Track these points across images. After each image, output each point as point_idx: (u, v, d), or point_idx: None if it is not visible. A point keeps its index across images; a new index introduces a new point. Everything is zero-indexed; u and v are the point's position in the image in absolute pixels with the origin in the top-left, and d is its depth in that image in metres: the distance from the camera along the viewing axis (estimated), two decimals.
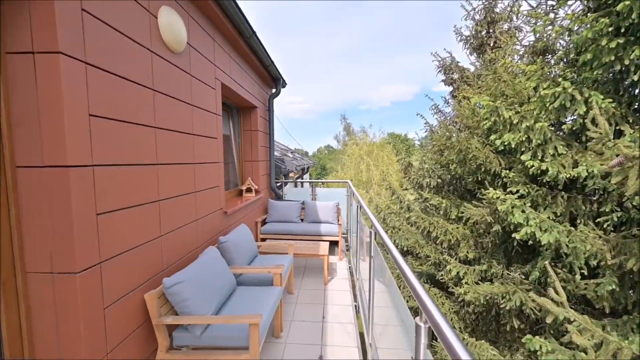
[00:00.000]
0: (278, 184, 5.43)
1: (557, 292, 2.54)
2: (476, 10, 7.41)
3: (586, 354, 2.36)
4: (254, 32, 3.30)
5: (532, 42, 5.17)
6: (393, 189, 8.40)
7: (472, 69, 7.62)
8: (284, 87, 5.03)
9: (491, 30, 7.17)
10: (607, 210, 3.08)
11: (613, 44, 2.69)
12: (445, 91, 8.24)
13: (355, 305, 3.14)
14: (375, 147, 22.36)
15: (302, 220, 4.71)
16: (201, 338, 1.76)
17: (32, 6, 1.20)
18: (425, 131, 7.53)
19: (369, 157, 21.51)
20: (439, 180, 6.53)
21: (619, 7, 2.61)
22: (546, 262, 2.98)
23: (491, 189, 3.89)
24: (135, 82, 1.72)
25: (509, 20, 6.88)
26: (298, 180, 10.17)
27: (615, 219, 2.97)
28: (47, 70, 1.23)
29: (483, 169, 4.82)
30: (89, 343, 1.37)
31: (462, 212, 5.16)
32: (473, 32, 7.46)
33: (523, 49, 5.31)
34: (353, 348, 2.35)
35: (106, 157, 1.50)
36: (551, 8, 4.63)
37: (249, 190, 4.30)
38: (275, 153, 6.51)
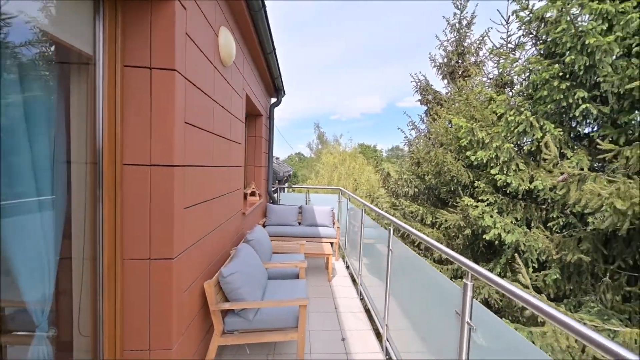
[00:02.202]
0: (273, 189, 5.64)
1: (524, 277, 3.17)
2: (449, 41, 8.47)
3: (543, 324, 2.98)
4: (274, 49, 3.60)
5: (496, 75, 6.15)
6: (373, 197, 9.01)
7: (443, 92, 8.63)
8: (283, 96, 5.33)
9: (460, 61, 8.24)
10: (554, 216, 3.86)
11: (563, 86, 3.49)
12: (412, 107, 9.26)
13: (360, 298, 3.50)
14: (348, 157, 23.26)
15: (299, 223, 4.97)
16: (253, 321, 1.97)
17: (154, 29, 1.42)
18: (404, 144, 8.28)
19: (342, 166, 22.29)
20: (416, 190, 7.24)
21: (567, 60, 3.42)
22: (516, 254, 3.64)
23: (465, 197, 4.56)
24: (206, 93, 1.94)
25: (475, 54, 7.99)
26: (296, 186, 10.37)
27: (561, 223, 3.75)
28: (164, 84, 1.44)
29: (455, 181, 5.56)
30: (177, 324, 1.54)
31: (437, 218, 5.84)
32: (445, 61, 8.49)
33: (488, 80, 6.28)
34: (368, 331, 2.70)
35: (190, 159, 1.70)
36: (511, 49, 5.61)
37: (253, 194, 4.47)
38: None
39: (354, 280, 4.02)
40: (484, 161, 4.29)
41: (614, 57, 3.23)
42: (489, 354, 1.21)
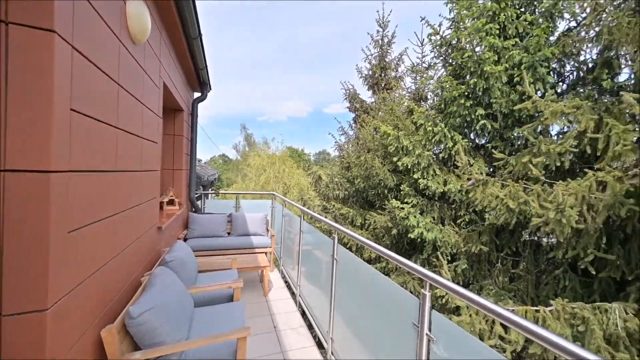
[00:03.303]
0: (197, 195, 4.93)
1: (445, 272, 3.54)
2: (373, 56, 9.20)
3: (460, 314, 3.38)
4: (200, 34, 3.11)
5: (413, 90, 6.94)
6: (304, 199, 8.97)
7: (369, 101, 9.30)
8: (209, 91, 4.74)
9: (383, 74, 9.05)
10: (461, 214, 4.50)
11: (467, 103, 4.10)
12: (338, 113, 9.72)
13: (300, 310, 3.29)
14: (278, 160, 22.91)
15: (228, 233, 4.45)
16: None
17: None
18: (335, 149, 8.53)
19: (271, 169, 21.78)
20: (346, 193, 7.53)
21: (470, 82, 4.04)
22: (439, 252, 4.06)
23: (393, 200, 4.92)
24: (107, 73, 1.43)
25: (395, 70, 8.89)
26: (225, 192, 9.30)
27: (466, 220, 4.39)
28: (34, 49, 0.95)
29: (382, 184, 5.98)
30: None
31: (367, 220, 6.17)
32: (370, 73, 9.18)
33: (408, 94, 7.04)
34: (311, 347, 2.51)
35: (81, 161, 1.20)
36: (425, 68, 6.40)
37: (171, 202, 3.75)
38: None
39: (292, 292, 3.81)
40: (408, 166, 4.71)
41: (502, 83, 3.97)
42: None
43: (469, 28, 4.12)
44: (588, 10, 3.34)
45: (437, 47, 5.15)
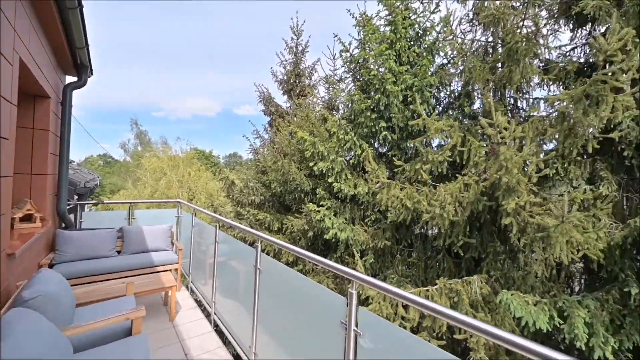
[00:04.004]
0: (69, 206, 3.80)
1: (360, 268, 3.85)
2: (287, 61, 9.35)
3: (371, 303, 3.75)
4: (80, 4, 2.43)
5: (326, 99, 7.40)
6: (215, 206, 8.23)
7: (285, 106, 9.38)
8: (89, 77, 3.77)
9: (297, 81, 9.31)
10: (368, 213, 5.04)
11: (373, 116, 4.65)
12: (251, 115, 9.51)
13: (216, 328, 2.93)
14: (181, 162, 20.36)
15: (119, 252, 3.59)
16: None
17: None
18: (250, 152, 8.19)
19: (173, 172, 19.14)
20: (262, 198, 7.32)
21: (375, 97, 4.60)
22: (353, 249, 4.37)
23: (310, 203, 5.07)
24: None
25: (309, 78, 9.29)
26: (111, 202, 7.29)
27: (372, 219, 4.94)
28: None
29: (299, 189, 6.10)
30: None
31: (284, 224, 6.16)
32: (285, 78, 9.30)
33: (321, 102, 7.45)
34: None
35: None
36: (337, 80, 6.93)
37: (27, 218, 2.73)
38: None
39: (205, 311, 3.39)
40: (323, 171, 4.97)
41: (399, 101, 4.69)
42: (376, 354, 1.28)
43: (374, 50, 4.71)
44: (455, 52, 4.34)
45: (348, 63, 5.67)
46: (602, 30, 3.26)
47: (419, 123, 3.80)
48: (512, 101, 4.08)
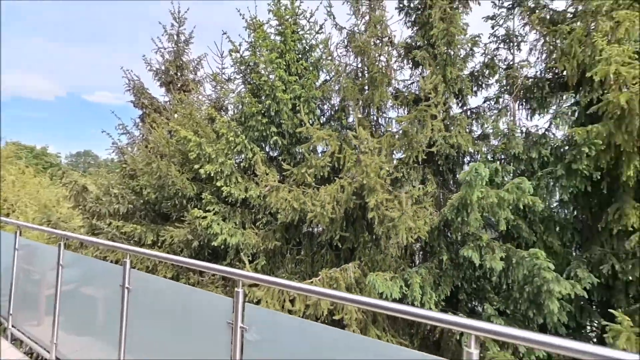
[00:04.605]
0: None
1: (248, 270, 3.81)
2: (167, 50, 8.22)
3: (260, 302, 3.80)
4: None
5: (213, 98, 6.95)
6: (55, 221, 6.26)
7: (161, 99, 8.17)
8: None
9: (180, 74, 8.31)
10: (260, 217, 5.09)
11: (264, 120, 4.76)
12: (109, 104, 7.99)
13: None
14: None
15: None
16: None
17: None
18: (113, 152, 6.68)
19: None
20: (130, 206, 6.11)
21: (266, 103, 4.73)
22: (241, 254, 4.26)
23: (194, 209, 4.64)
24: None
25: (194, 73, 8.46)
26: None
27: (264, 221, 5.02)
28: None
29: (180, 194, 5.46)
30: None
31: (162, 235, 5.36)
32: (163, 69, 8.13)
33: (208, 100, 6.94)
34: None
35: None
36: (226, 80, 6.65)
37: None
38: None
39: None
40: (211, 174, 4.67)
41: (289, 109, 4.98)
42: (263, 345, 1.36)
43: (265, 56, 4.83)
44: (334, 72, 5.01)
45: (238, 64, 5.56)
46: (427, 73, 4.56)
47: (304, 131, 4.17)
48: (375, 118, 5.09)
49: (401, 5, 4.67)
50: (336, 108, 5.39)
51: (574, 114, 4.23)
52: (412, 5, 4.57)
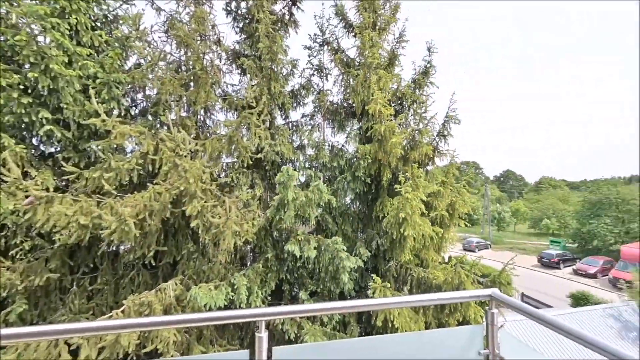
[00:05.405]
0: None
1: None
2: None
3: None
4: None
5: None
6: None
7: None
8: None
9: None
10: (17, 241, 3.44)
11: (24, 100, 3.25)
12: None
13: None
14: None
15: None
16: None
17: None
18: None
19: None
20: None
21: (29, 75, 3.25)
22: None
23: None
24: None
25: None
26: None
27: (26, 247, 3.43)
28: None
29: None
30: None
31: None
32: None
33: None
34: None
35: None
36: None
37: None
38: None
39: None
40: None
41: (76, 90, 3.68)
42: None
43: (23, 6, 3.31)
44: (149, 58, 4.22)
45: None
46: (254, 82, 4.77)
47: (98, 123, 3.23)
48: (202, 119, 4.74)
49: (228, 8, 4.63)
50: (153, 101, 4.56)
51: (358, 135, 5.78)
52: (239, 12, 4.63)
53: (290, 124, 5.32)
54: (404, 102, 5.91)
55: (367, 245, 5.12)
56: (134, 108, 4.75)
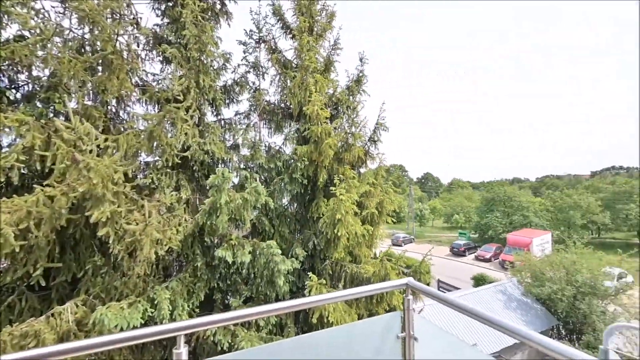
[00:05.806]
0: None
1: None
2: None
3: None
4: None
5: None
6: None
7: None
8: None
9: None
10: None
11: None
12: None
13: None
14: None
15: None
16: None
17: None
18: None
19: None
20: None
21: None
22: None
23: None
24: None
25: None
26: None
27: None
28: None
29: None
30: None
31: None
32: None
33: None
34: None
35: None
36: None
37: None
38: None
39: None
40: None
41: None
42: None
43: None
44: (38, 30, 3.43)
45: None
46: (180, 73, 4.33)
47: None
48: (114, 110, 4.09)
49: None
50: (45, 85, 3.73)
51: (295, 137, 5.81)
52: None
53: (222, 122, 5.01)
54: (339, 107, 6.19)
55: (304, 246, 5.18)
56: (12, 91, 3.80)
